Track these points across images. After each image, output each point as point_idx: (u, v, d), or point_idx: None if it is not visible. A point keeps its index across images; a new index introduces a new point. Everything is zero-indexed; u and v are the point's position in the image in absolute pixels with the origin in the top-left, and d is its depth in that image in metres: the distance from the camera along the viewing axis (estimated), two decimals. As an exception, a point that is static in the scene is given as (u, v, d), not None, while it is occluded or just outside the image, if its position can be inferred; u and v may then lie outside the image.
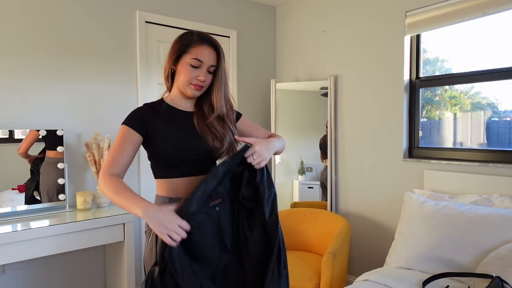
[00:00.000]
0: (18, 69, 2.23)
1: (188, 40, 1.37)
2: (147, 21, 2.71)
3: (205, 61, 1.33)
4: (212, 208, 1.21)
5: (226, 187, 1.26)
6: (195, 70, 1.33)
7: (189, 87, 1.35)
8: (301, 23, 3.25)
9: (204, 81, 1.34)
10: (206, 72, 1.35)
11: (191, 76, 1.33)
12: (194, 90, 1.36)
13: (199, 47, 1.34)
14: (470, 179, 2.16)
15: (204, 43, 1.35)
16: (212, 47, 1.36)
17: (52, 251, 1.97)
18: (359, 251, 2.82)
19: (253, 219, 1.28)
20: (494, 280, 1.46)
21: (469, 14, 2.17)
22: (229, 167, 1.26)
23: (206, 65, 1.34)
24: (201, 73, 1.34)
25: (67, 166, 2.32)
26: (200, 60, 1.33)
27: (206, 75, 1.35)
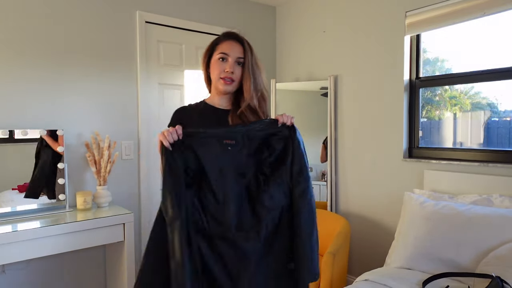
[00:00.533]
0: (18, 69, 2.23)
1: (215, 41, 1.47)
2: (147, 21, 2.71)
3: (231, 54, 1.40)
4: (225, 145, 1.35)
5: (243, 136, 1.35)
6: (222, 63, 1.41)
7: (219, 82, 1.42)
8: (301, 23, 3.25)
9: (232, 72, 1.40)
10: (235, 64, 1.41)
11: (219, 70, 1.41)
12: (225, 85, 1.41)
13: (224, 42, 1.43)
14: (470, 179, 2.16)
15: (228, 39, 1.43)
16: (237, 41, 1.43)
17: (52, 251, 1.97)
18: (359, 251, 2.82)
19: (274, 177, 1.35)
20: (494, 280, 1.46)
21: (469, 14, 2.17)
22: (250, 128, 1.36)
23: (233, 57, 1.40)
24: (227, 65, 1.40)
25: (67, 166, 2.32)
26: (226, 53, 1.40)
27: (233, 67, 1.40)
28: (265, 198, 1.31)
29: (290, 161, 1.36)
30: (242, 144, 1.36)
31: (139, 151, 2.69)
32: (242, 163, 1.35)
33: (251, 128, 1.37)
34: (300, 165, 1.36)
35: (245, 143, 1.36)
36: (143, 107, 2.69)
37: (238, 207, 1.30)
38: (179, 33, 2.89)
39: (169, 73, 2.85)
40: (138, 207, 2.69)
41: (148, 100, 2.73)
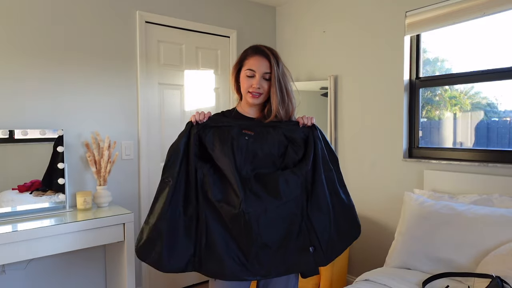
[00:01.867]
0: (18, 69, 2.23)
1: (243, 55, 1.54)
2: (147, 21, 2.71)
3: (258, 70, 1.48)
4: (243, 134, 1.47)
5: (262, 130, 1.49)
6: (250, 79, 1.49)
7: (248, 96, 1.51)
8: (301, 23, 3.25)
9: (259, 88, 1.49)
10: (262, 79, 1.49)
11: (247, 85, 1.50)
12: (253, 98, 1.50)
13: (251, 58, 1.50)
14: (470, 179, 2.16)
15: (255, 54, 1.50)
16: (263, 56, 1.49)
17: (52, 251, 1.97)
18: (359, 251, 2.82)
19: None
20: (494, 280, 1.46)
21: (469, 14, 2.17)
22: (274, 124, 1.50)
23: (260, 73, 1.48)
24: (254, 81, 1.48)
25: (67, 166, 2.32)
26: (253, 70, 1.49)
27: (260, 83, 1.49)
28: (280, 181, 1.42)
29: (312, 158, 1.47)
30: (261, 138, 1.47)
31: (138, 151, 2.69)
32: (257, 154, 1.45)
33: (273, 125, 1.49)
34: (323, 160, 1.51)
35: (264, 137, 1.47)
36: (143, 107, 2.69)
37: (243, 191, 1.39)
38: (179, 33, 2.89)
39: (169, 73, 2.85)
40: (138, 207, 2.69)
41: (148, 100, 2.73)
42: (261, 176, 1.44)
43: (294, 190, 1.43)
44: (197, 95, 3.01)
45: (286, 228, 1.41)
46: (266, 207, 1.39)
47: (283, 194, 1.41)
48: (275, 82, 1.48)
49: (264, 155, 1.46)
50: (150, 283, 2.76)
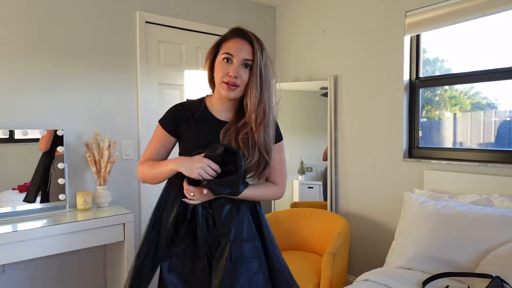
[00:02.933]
0: (18, 69, 2.23)
1: (221, 38, 1.28)
2: (147, 21, 2.71)
3: (236, 55, 1.21)
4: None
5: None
6: (226, 65, 1.22)
7: (221, 86, 1.23)
8: (301, 23, 3.25)
9: (236, 77, 1.21)
10: (240, 67, 1.21)
11: (222, 73, 1.22)
12: (228, 90, 1.22)
13: (230, 40, 1.24)
14: (470, 179, 2.16)
15: (236, 37, 1.24)
16: (246, 40, 1.24)
17: (52, 251, 1.97)
18: (359, 251, 2.82)
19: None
20: (494, 280, 1.46)
21: (469, 14, 2.17)
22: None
23: (238, 59, 1.21)
24: (231, 68, 1.21)
25: (67, 166, 2.32)
26: (230, 54, 1.21)
27: (238, 70, 1.21)
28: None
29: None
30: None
31: (138, 152, 2.69)
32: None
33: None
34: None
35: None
36: (143, 107, 2.69)
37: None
38: (179, 33, 2.89)
39: (169, 73, 2.85)
40: (138, 207, 2.69)
41: (148, 100, 2.73)
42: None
43: None
44: (197, 95, 3.00)
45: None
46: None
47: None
48: (256, 72, 1.21)
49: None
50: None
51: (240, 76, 1.22)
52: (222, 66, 1.23)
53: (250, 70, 1.23)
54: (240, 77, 1.22)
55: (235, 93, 1.24)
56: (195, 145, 1.27)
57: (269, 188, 1.36)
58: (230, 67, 1.22)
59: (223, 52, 1.24)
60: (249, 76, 1.23)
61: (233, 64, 1.22)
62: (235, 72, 1.21)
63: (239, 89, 1.23)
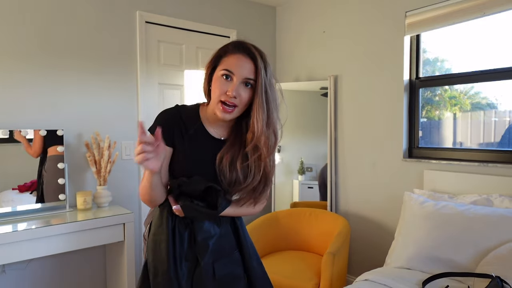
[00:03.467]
0: (18, 69, 2.23)
1: (222, 51, 1.17)
2: (147, 21, 2.71)
3: (237, 72, 1.10)
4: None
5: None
6: (225, 83, 1.11)
7: (217, 107, 1.12)
8: (301, 23, 3.25)
9: (235, 97, 1.10)
10: (240, 86, 1.11)
11: (220, 91, 1.11)
12: (223, 112, 1.11)
13: (232, 56, 1.13)
14: (470, 179, 2.16)
15: (237, 52, 1.13)
16: (248, 56, 1.12)
17: (52, 251, 1.97)
18: (359, 251, 2.82)
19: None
20: (493, 280, 1.46)
21: (469, 14, 2.17)
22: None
23: (239, 77, 1.10)
24: (230, 86, 1.10)
25: (67, 166, 2.32)
26: (230, 71, 1.11)
27: (237, 89, 1.10)
28: None
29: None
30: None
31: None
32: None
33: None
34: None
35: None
36: (143, 107, 2.69)
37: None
38: (179, 33, 2.89)
39: (169, 73, 2.85)
40: (138, 207, 2.69)
41: (148, 100, 2.73)
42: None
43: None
44: (197, 95, 3.01)
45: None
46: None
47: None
48: (261, 93, 1.10)
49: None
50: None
51: (239, 95, 1.11)
52: (220, 83, 1.12)
53: (251, 90, 1.13)
54: (239, 96, 1.11)
55: (231, 115, 1.13)
56: (188, 162, 1.19)
57: (250, 205, 1.26)
58: (229, 85, 1.11)
59: (222, 68, 1.13)
60: (249, 97, 1.13)
61: (232, 82, 1.11)
62: (234, 92, 1.10)
63: (236, 110, 1.13)
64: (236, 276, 1.25)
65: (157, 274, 1.18)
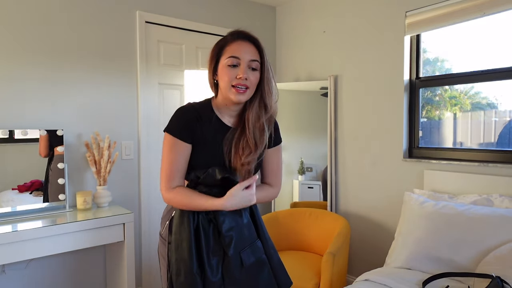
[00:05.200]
0: (18, 69, 2.23)
1: (222, 42, 1.25)
2: (147, 21, 2.71)
3: (243, 57, 1.19)
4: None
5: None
6: (233, 69, 1.20)
7: (231, 92, 1.20)
8: (301, 23, 3.25)
9: (246, 79, 1.19)
10: (248, 69, 1.20)
11: (230, 77, 1.19)
12: (237, 94, 1.19)
13: (234, 43, 1.22)
14: (470, 179, 2.16)
15: (238, 39, 1.23)
16: (249, 41, 1.23)
17: (52, 251, 1.97)
18: (359, 251, 2.82)
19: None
20: (494, 280, 1.46)
21: (469, 14, 2.17)
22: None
23: (245, 60, 1.20)
24: (240, 70, 1.19)
25: (67, 166, 2.32)
26: (236, 57, 1.19)
27: (246, 72, 1.19)
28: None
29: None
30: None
31: (138, 153, 2.69)
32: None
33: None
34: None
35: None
36: (143, 107, 2.69)
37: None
38: (179, 33, 2.89)
39: (169, 73, 2.85)
40: (138, 207, 2.69)
41: (148, 100, 2.73)
42: None
43: None
44: (197, 95, 3.01)
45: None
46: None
47: None
48: (267, 71, 1.22)
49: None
50: (150, 283, 2.76)
51: (249, 78, 1.20)
52: (228, 71, 1.20)
53: (257, 72, 1.22)
54: (249, 78, 1.20)
55: (245, 96, 1.21)
56: (207, 154, 1.26)
57: (268, 191, 1.39)
58: (237, 70, 1.19)
59: (227, 56, 1.21)
60: (256, 78, 1.22)
61: (239, 67, 1.20)
62: (245, 74, 1.19)
63: (248, 91, 1.21)
64: (262, 262, 1.30)
65: (179, 274, 1.20)
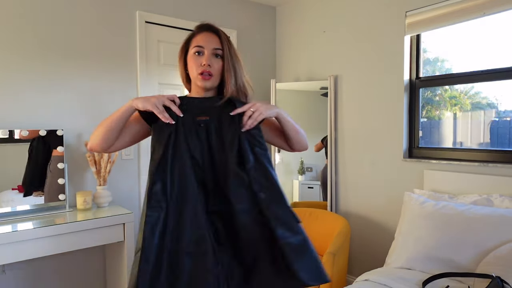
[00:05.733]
0: (18, 69, 2.23)
1: (189, 35, 1.38)
2: (147, 21, 2.71)
3: (206, 46, 1.30)
4: (197, 122, 1.25)
5: (218, 112, 1.27)
6: (198, 57, 1.31)
7: (198, 79, 1.31)
8: (301, 23, 3.25)
9: (210, 65, 1.29)
10: (212, 57, 1.30)
11: (196, 64, 1.30)
12: (203, 80, 1.30)
13: (198, 35, 1.34)
14: (470, 179, 2.16)
15: (203, 30, 1.34)
16: (212, 32, 1.33)
17: (52, 251, 1.97)
18: (359, 251, 2.82)
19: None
20: (494, 280, 1.46)
21: (469, 14, 2.17)
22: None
23: (208, 49, 1.30)
24: (203, 58, 1.29)
25: (67, 166, 2.32)
26: (200, 46, 1.31)
27: (210, 59, 1.29)
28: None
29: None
30: (215, 121, 1.25)
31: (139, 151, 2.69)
32: (197, 145, 1.22)
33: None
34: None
35: (218, 119, 1.26)
36: (143, 107, 2.69)
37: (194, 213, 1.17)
38: (179, 33, 2.89)
39: (169, 73, 2.85)
40: (138, 207, 2.69)
41: (148, 100, 2.73)
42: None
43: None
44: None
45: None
46: None
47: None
48: (228, 59, 1.30)
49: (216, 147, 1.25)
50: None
51: (212, 65, 1.29)
52: (194, 60, 1.31)
53: (221, 60, 1.31)
54: (212, 65, 1.29)
55: (210, 82, 1.30)
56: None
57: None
58: (202, 58, 1.30)
59: (193, 46, 1.33)
60: (221, 66, 1.31)
61: (204, 55, 1.30)
62: (208, 61, 1.28)
63: (213, 78, 1.30)
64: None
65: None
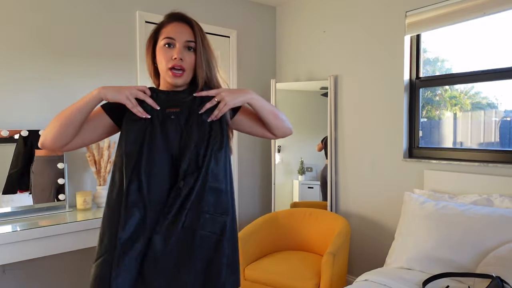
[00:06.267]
0: (18, 69, 2.23)
1: (159, 24, 1.24)
2: (147, 21, 2.71)
3: (177, 37, 1.17)
4: (167, 114, 1.17)
5: (188, 103, 1.18)
6: (168, 50, 1.17)
7: (167, 74, 1.17)
8: (301, 23, 3.25)
9: (182, 59, 1.16)
10: (184, 50, 1.17)
11: (166, 58, 1.16)
12: (173, 77, 1.16)
13: (169, 25, 1.20)
14: (470, 179, 2.16)
15: (174, 20, 1.21)
16: (184, 22, 1.21)
17: (52, 251, 1.97)
18: (359, 251, 2.82)
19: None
20: (494, 280, 1.46)
21: (469, 14, 2.17)
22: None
23: (180, 41, 1.17)
24: (174, 51, 1.16)
25: (67, 166, 2.32)
26: (171, 37, 1.17)
27: (182, 52, 1.16)
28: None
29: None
30: (185, 112, 1.16)
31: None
32: (173, 139, 1.15)
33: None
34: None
35: (189, 111, 1.17)
36: (143, 107, 2.69)
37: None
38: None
39: (169, 73, 2.85)
40: (138, 207, 2.69)
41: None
42: None
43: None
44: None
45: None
46: None
47: None
48: (201, 52, 1.18)
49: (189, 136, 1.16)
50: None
51: (184, 58, 1.17)
52: (164, 52, 1.17)
53: (194, 53, 1.19)
54: (184, 59, 1.17)
55: (182, 79, 1.18)
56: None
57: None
58: (173, 51, 1.17)
59: (163, 37, 1.18)
60: (193, 59, 1.19)
61: (175, 48, 1.17)
62: (180, 55, 1.16)
63: (185, 74, 1.18)
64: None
65: None
